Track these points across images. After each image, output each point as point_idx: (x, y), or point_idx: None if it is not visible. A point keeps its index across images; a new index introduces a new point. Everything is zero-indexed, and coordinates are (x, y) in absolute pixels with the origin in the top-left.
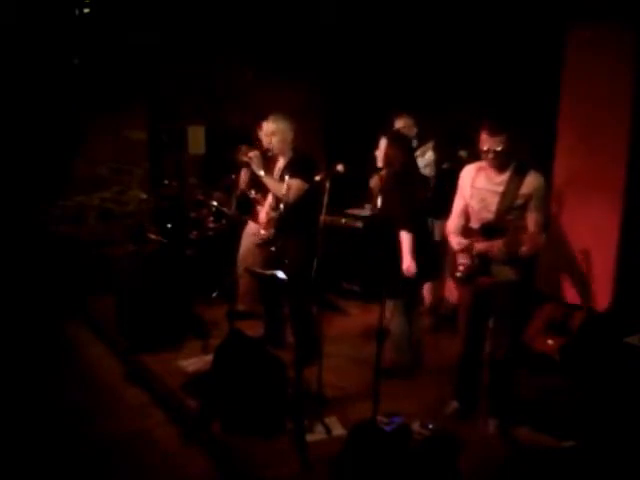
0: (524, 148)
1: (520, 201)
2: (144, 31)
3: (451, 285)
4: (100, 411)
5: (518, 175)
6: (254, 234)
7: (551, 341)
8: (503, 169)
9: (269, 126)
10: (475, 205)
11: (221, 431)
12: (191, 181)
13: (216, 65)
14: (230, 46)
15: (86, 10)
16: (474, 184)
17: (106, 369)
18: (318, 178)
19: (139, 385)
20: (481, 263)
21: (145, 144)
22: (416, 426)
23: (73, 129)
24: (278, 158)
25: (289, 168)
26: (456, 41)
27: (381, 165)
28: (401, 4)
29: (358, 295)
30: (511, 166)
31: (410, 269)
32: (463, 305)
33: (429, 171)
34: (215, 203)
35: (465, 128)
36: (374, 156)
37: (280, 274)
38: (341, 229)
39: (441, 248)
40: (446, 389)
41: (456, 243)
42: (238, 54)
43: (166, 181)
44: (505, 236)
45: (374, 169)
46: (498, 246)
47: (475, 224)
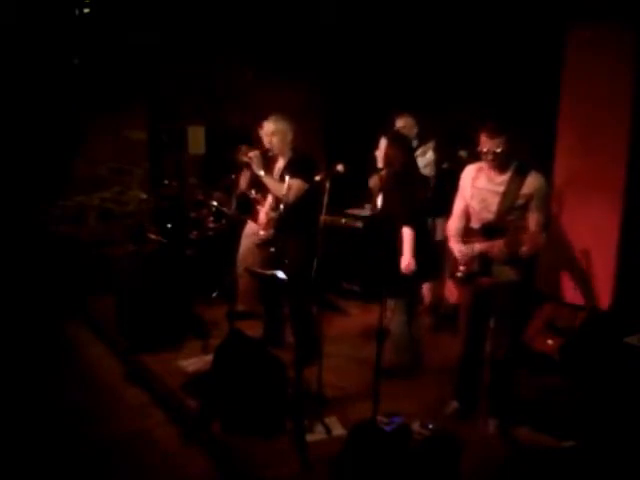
0: (524, 148)
1: (521, 201)
2: (144, 31)
3: (451, 285)
4: (100, 411)
5: (519, 175)
6: (254, 234)
7: (551, 341)
8: (503, 169)
9: (269, 126)
10: (476, 205)
11: (221, 431)
12: (191, 181)
13: (216, 65)
14: (230, 46)
15: (86, 10)
16: (475, 184)
17: (106, 369)
18: (318, 178)
19: (139, 385)
20: (482, 263)
21: (145, 144)
22: (416, 426)
23: (73, 129)
24: (278, 158)
25: (289, 168)
26: (456, 41)
27: (381, 165)
28: (401, 4)
29: (358, 295)
30: (512, 166)
31: (409, 266)
32: (463, 305)
33: (429, 171)
34: (215, 203)
35: (465, 128)
36: (374, 156)
37: (280, 274)
38: (341, 229)
39: (441, 248)
40: (446, 389)
41: (457, 251)
42: (238, 54)
43: (166, 181)
44: (505, 236)
45: (374, 169)
46: (499, 246)
47: (476, 224)
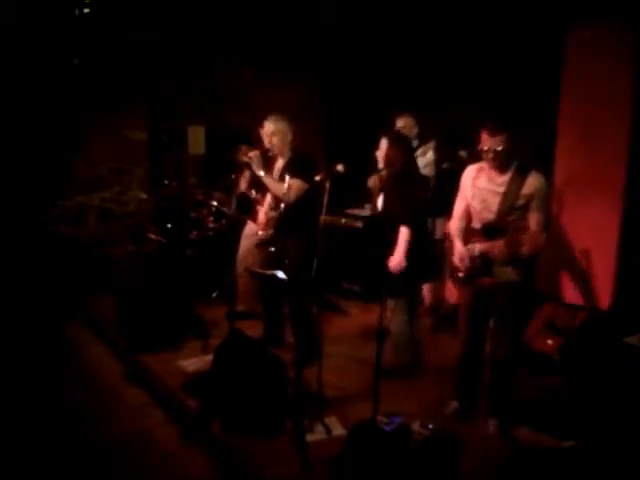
0: (524, 148)
1: (521, 201)
2: (144, 31)
3: (451, 285)
4: (100, 411)
5: (519, 175)
6: (253, 234)
7: (551, 341)
8: (504, 169)
9: (269, 126)
10: (477, 205)
11: (221, 431)
12: (191, 181)
13: (216, 65)
14: (230, 46)
15: (86, 10)
16: (475, 184)
17: (106, 369)
18: (318, 178)
19: (139, 385)
20: (482, 263)
21: (145, 144)
22: (416, 426)
23: (73, 129)
24: (277, 158)
25: (289, 168)
26: (456, 41)
27: (382, 166)
28: (401, 4)
29: (358, 295)
30: (512, 166)
31: (399, 266)
32: (464, 305)
33: (429, 171)
34: (215, 203)
35: (465, 128)
36: (375, 157)
37: (280, 274)
38: (341, 229)
39: (441, 248)
40: (446, 389)
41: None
42: (238, 54)
43: (166, 181)
44: (506, 237)
45: (374, 169)
46: (499, 247)
47: (476, 224)
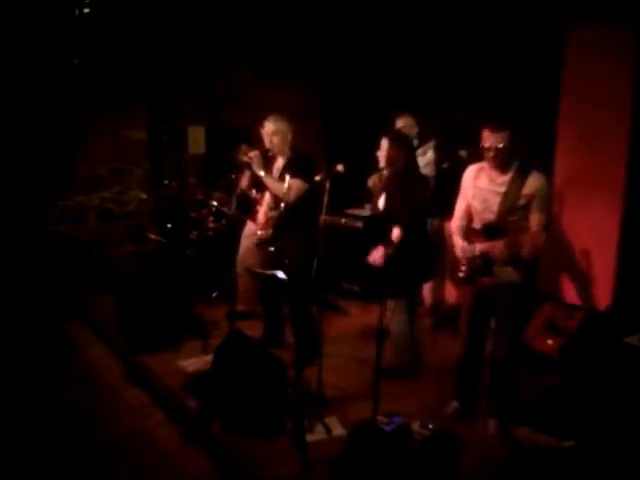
0: (524, 148)
1: (522, 201)
2: (144, 31)
3: (451, 286)
4: (100, 411)
5: (520, 175)
6: (253, 234)
7: (551, 341)
8: (505, 169)
9: (269, 126)
10: (478, 206)
11: (221, 431)
12: (191, 181)
13: (216, 65)
14: (230, 46)
15: (86, 10)
16: (476, 184)
17: (106, 369)
18: (318, 178)
19: (139, 385)
20: (483, 264)
21: (145, 144)
22: (416, 426)
23: (73, 129)
24: (277, 158)
25: (289, 168)
26: (456, 41)
27: (384, 165)
28: (401, 4)
29: (358, 295)
30: (513, 166)
31: (377, 260)
32: (464, 305)
33: (429, 170)
34: (215, 203)
35: (465, 128)
36: (376, 157)
37: (280, 274)
38: (341, 229)
39: (440, 248)
40: (446, 389)
41: (460, 249)
42: (238, 54)
43: (166, 181)
44: (506, 237)
45: (374, 169)
46: (499, 247)
47: (477, 224)
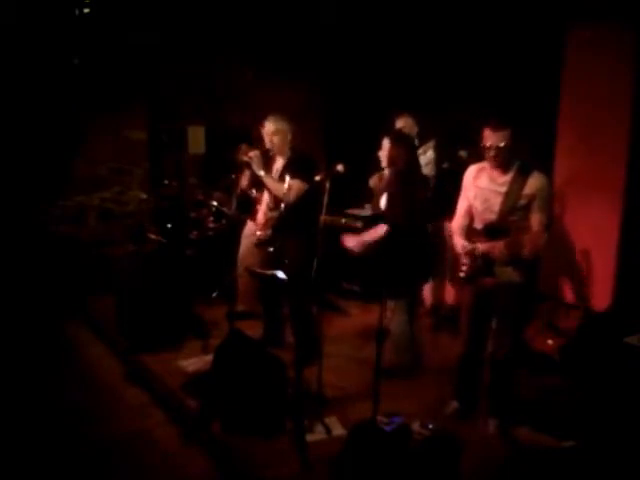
0: (524, 148)
1: (523, 202)
2: (144, 31)
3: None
4: (100, 411)
5: (521, 175)
6: (253, 234)
7: (551, 341)
8: (506, 169)
9: (270, 126)
10: (479, 206)
11: (221, 431)
12: (191, 181)
13: (216, 65)
14: (230, 46)
15: (86, 10)
16: (477, 184)
17: (106, 369)
18: (318, 178)
19: (139, 385)
20: (484, 264)
21: (145, 144)
22: (416, 426)
23: (73, 129)
24: (276, 158)
25: (288, 168)
26: (456, 41)
27: (385, 165)
28: (401, 4)
29: (358, 295)
30: (514, 166)
31: (355, 247)
32: (465, 306)
33: (429, 170)
34: (215, 203)
35: (465, 128)
36: (376, 157)
37: (280, 274)
38: (341, 229)
39: (440, 248)
40: (446, 389)
41: (460, 247)
42: (238, 54)
43: (166, 181)
44: (507, 237)
45: (374, 169)
46: (499, 247)
47: (478, 224)
